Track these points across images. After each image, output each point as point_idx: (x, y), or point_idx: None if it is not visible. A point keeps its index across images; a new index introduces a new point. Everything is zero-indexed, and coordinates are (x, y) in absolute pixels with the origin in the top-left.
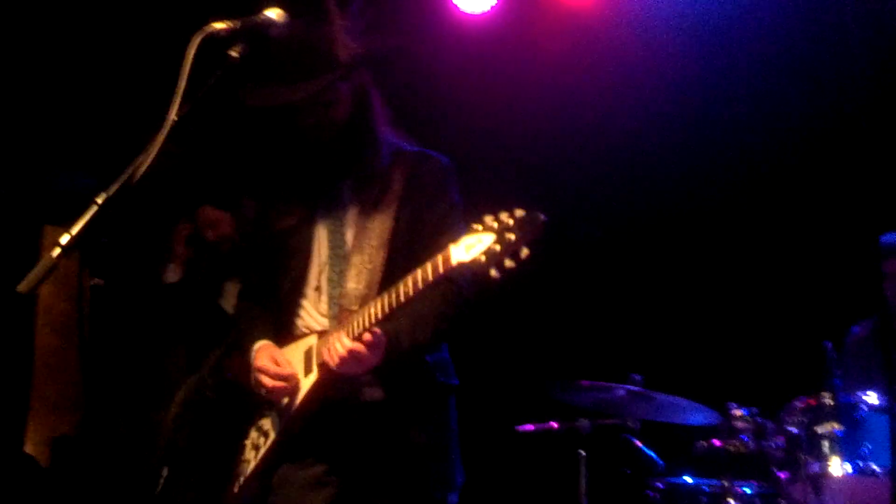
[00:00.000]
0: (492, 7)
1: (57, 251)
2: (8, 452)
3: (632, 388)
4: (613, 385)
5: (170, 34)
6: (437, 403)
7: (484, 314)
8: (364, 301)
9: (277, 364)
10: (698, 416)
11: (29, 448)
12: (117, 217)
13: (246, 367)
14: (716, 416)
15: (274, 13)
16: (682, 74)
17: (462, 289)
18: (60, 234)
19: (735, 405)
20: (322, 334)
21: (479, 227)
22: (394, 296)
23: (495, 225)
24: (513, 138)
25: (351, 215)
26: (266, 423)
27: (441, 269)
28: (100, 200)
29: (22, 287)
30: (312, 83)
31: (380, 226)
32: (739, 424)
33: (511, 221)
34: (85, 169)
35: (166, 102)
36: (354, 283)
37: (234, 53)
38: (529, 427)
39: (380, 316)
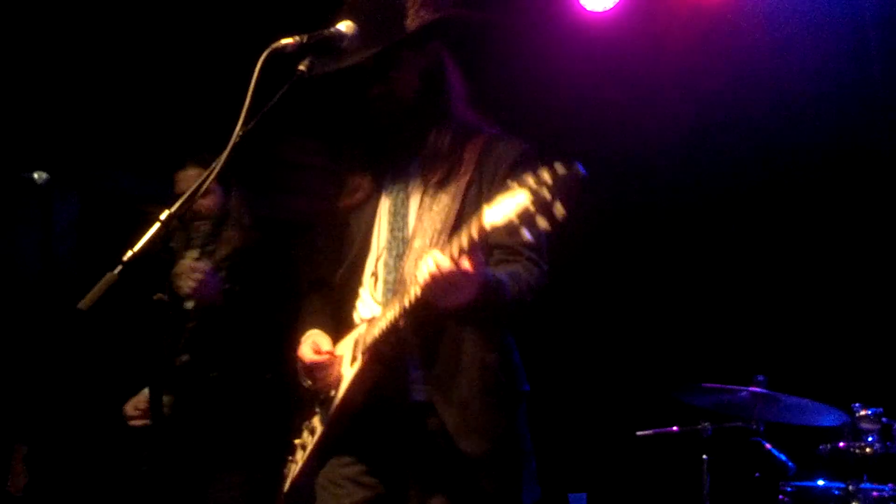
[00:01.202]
0: (615, 4)
1: (118, 268)
2: None
3: (756, 389)
4: (737, 387)
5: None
6: (499, 411)
7: (604, 316)
8: None
9: (317, 352)
10: (824, 417)
11: None
12: None
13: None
14: (842, 417)
15: (344, 26)
16: (810, 69)
17: (537, 261)
18: None
19: (861, 406)
20: (371, 321)
21: (515, 185)
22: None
23: (532, 182)
24: (639, 135)
25: (415, 196)
26: (315, 421)
27: (476, 236)
28: (163, 217)
29: (82, 304)
30: (374, 50)
31: (445, 208)
32: (866, 425)
33: (549, 178)
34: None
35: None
36: (414, 269)
37: (302, 68)
38: (650, 431)
39: (417, 295)
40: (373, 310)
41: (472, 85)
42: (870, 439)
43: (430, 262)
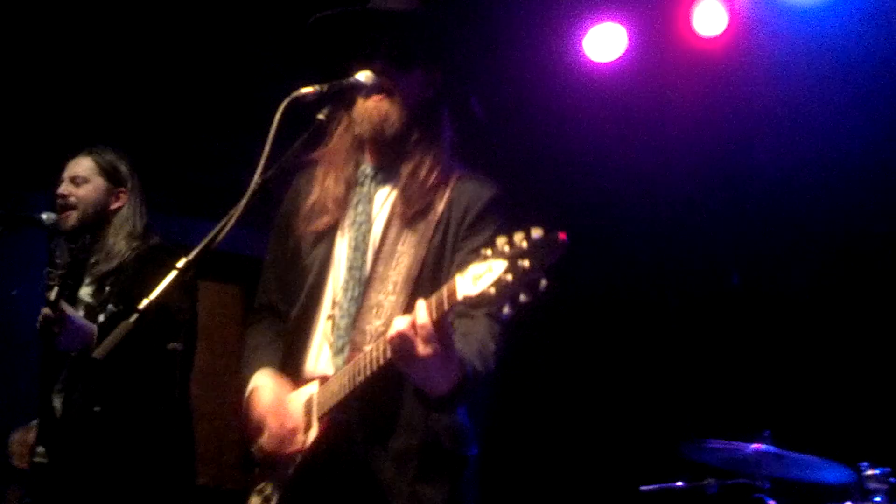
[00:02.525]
0: (621, 55)
1: (134, 317)
2: None
3: (762, 447)
4: (743, 443)
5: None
6: (439, 477)
7: (609, 370)
8: None
9: (280, 414)
10: (831, 474)
11: None
12: None
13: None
14: (849, 475)
15: (363, 76)
16: (818, 117)
17: (496, 315)
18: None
19: (868, 465)
20: (324, 380)
21: (489, 252)
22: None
23: (507, 249)
24: (645, 186)
25: (378, 231)
26: (267, 488)
27: (445, 306)
28: (180, 265)
29: (98, 353)
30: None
31: (410, 251)
32: (873, 485)
33: (525, 245)
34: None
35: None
36: (375, 318)
37: (321, 117)
38: (654, 487)
39: (386, 357)
40: (326, 361)
41: (471, 135)
42: (877, 499)
43: (402, 322)
